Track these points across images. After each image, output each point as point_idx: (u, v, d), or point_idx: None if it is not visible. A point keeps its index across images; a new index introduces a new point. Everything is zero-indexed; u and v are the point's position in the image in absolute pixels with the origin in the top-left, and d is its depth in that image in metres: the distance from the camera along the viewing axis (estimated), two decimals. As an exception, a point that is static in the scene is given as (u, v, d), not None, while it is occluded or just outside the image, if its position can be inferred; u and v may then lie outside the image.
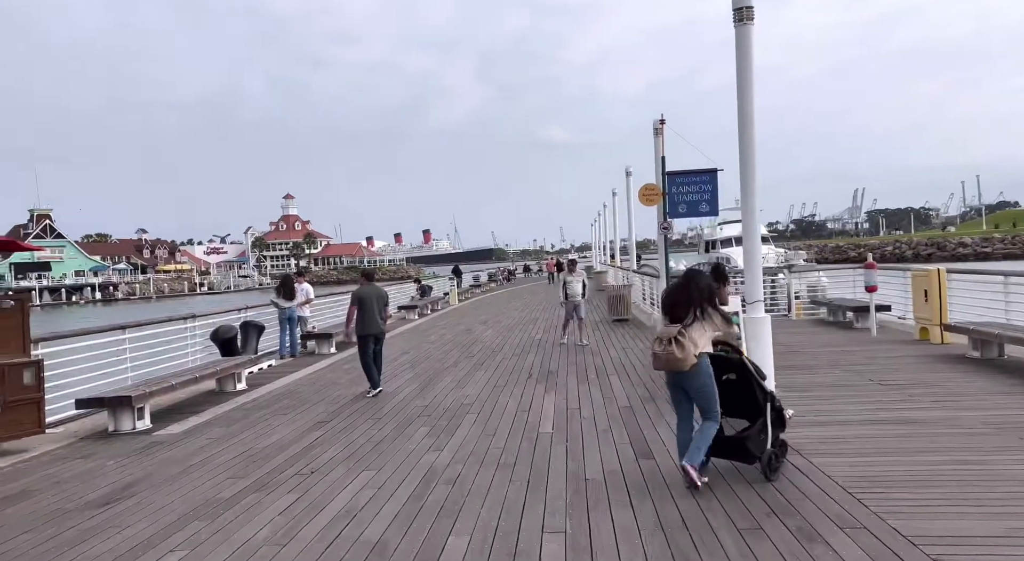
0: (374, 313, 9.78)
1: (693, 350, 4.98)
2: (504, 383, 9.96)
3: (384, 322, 10.03)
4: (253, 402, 9.51)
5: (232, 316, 13.21)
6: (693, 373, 5.03)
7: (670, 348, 4.98)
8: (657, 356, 5.10)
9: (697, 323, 5.06)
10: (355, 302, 9.78)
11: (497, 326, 18.47)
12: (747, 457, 5.24)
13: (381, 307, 9.94)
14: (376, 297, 9.91)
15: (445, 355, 13.27)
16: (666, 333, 5.08)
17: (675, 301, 5.20)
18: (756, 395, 5.22)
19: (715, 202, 15.42)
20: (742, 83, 7.98)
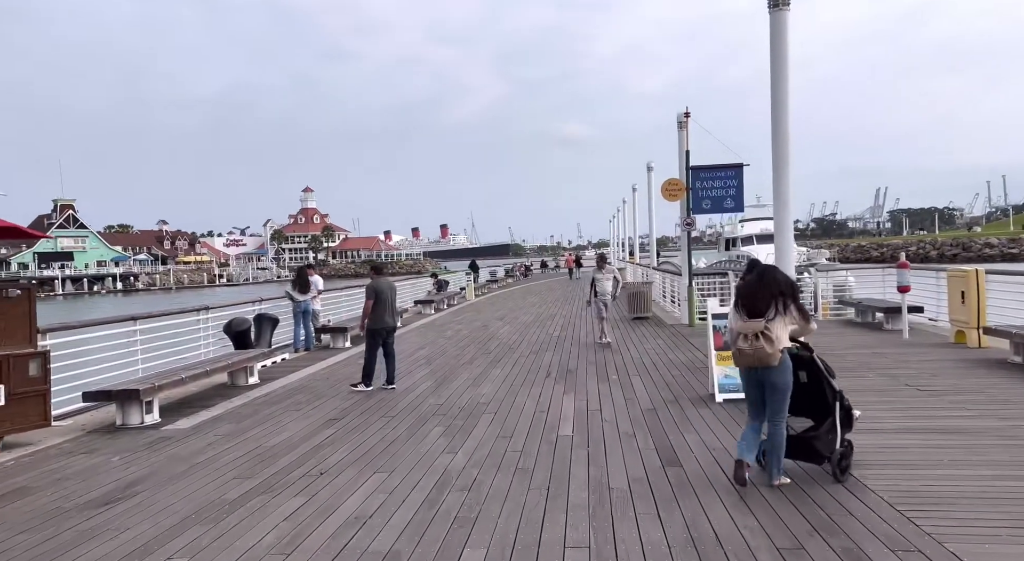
0: (390, 306, 9.55)
1: (778, 345, 4.85)
2: (521, 382, 9.66)
3: (397, 316, 9.84)
4: (265, 397, 9.29)
5: (246, 308, 13.03)
6: (780, 369, 4.89)
7: (759, 343, 4.83)
8: (743, 352, 4.95)
9: (779, 317, 4.90)
10: (371, 295, 9.53)
11: (514, 322, 18.18)
12: (815, 457, 5.08)
13: (395, 300, 9.74)
14: (392, 290, 9.73)
15: (461, 351, 12.99)
16: (750, 328, 4.90)
17: (755, 294, 5.02)
18: (825, 393, 5.08)
19: (740, 198, 15.04)
20: (776, 70, 7.61)
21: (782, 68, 7.59)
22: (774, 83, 7.62)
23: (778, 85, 7.62)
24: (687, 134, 15.22)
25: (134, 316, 9.55)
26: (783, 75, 7.57)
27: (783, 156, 7.66)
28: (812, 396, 5.10)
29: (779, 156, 7.68)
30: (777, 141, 7.65)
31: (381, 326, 9.52)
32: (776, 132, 7.64)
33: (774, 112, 7.66)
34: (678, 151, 15.52)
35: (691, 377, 9.44)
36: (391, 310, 9.60)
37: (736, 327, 5.04)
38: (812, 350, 5.22)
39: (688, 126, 15.23)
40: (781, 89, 7.61)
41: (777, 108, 7.62)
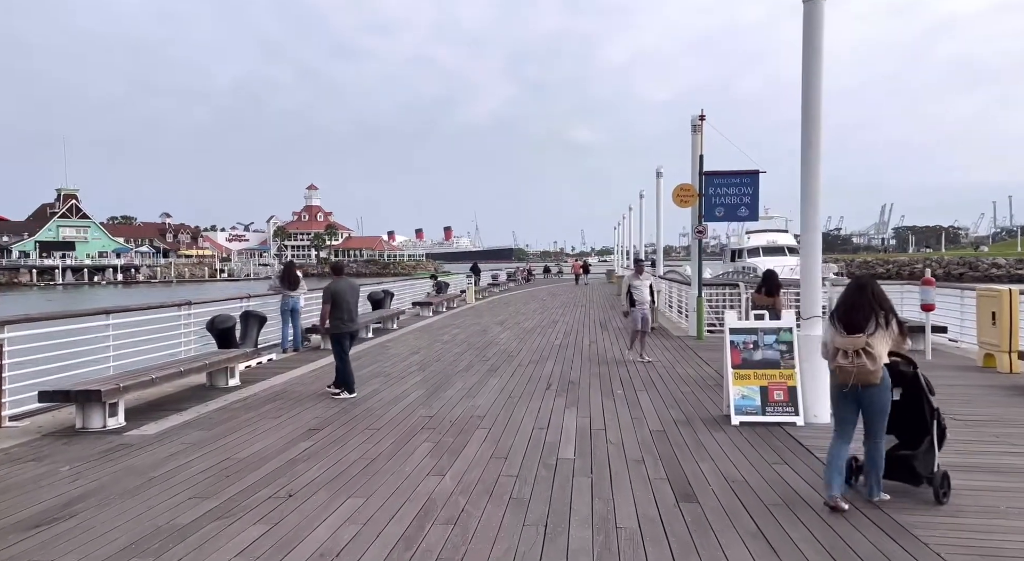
0: (350, 308, 9.04)
1: (881, 362, 4.62)
2: (520, 393, 9.00)
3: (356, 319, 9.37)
4: (243, 401, 8.63)
5: (232, 305, 12.37)
6: (882, 387, 4.65)
7: (860, 360, 4.58)
8: (844, 369, 4.65)
9: (880, 332, 4.65)
10: (328, 298, 9.00)
11: (515, 328, 17.51)
12: (912, 478, 4.81)
13: (356, 301, 9.26)
14: (352, 291, 9.18)
15: (457, 358, 12.33)
16: (851, 343, 4.64)
17: (854, 308, 4.76)
18: (924, 412, 4.81)
19: (756, 206, 14.39)
20: (808, 65, 6.96)
21: (815, 63, 6.93)
22: (806, 80, 6.96)
23: (810, 82, 6.96)
24: (701, 138, 14.57)
25: (107, 310, 8.90)
26: (816, 71, 6.91)
27: (813, 158, 7.00)
28: (907, 414, 4.85)
29: (809, 157, 7.02)
30: (807, 141, 7.00)
31: (343, 330, 9.00)
32: (807, 130, 6.98)
33: (805, 112, 7.01)
34: (691, 155, 14.86)
35: (702, 395, 8.77)
36: (351, 313, 9.07)
37: (835, 343, 4.74)
38: (916, 365, 4.91)
39: (703, 130, 14.58)
40: (814, 86, 6.95)
41: (808, 106, 6.97)
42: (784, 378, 7.08)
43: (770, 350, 7.21)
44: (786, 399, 7.04)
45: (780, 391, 7.06)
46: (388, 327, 17.43)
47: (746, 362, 7.22)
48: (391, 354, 12.85)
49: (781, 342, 7.21)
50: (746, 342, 7.28)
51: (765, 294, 9.50)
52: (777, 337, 7.23)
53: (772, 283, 9.59)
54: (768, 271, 10.08)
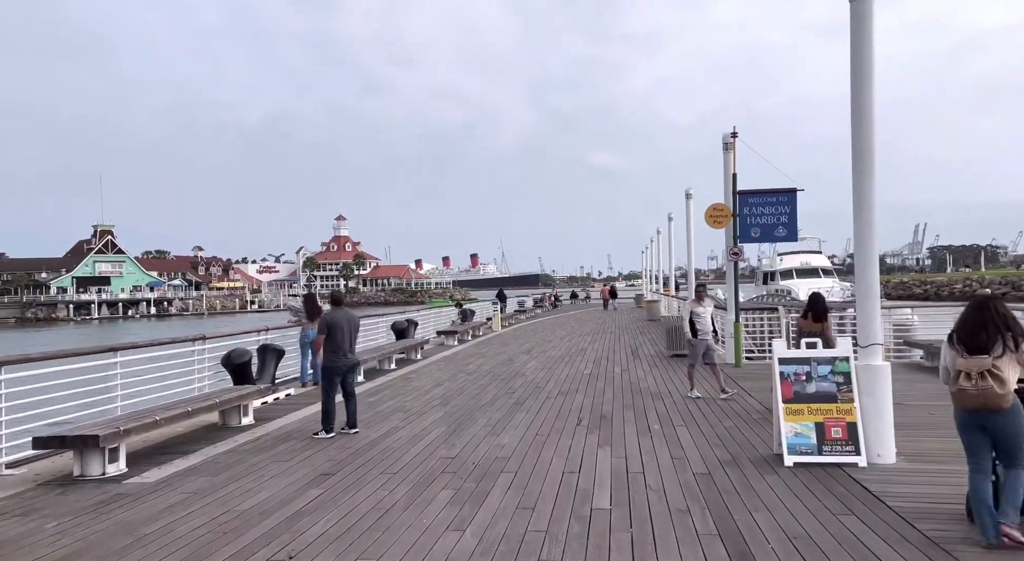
0: (345, 341, 8.51)
1: (1009, 385, 4.33)
2: (548, 430, 8.36)
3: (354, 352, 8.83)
4: (254, 442, 8.13)
5: (250, 338, 11.98)
6: (1011, 412, 4.35)
7: (985, 383, 4.31)
8: (967, 392, 4.39)
9: (1008, 354, 4.36)
10: (323, 329, 8.52)
11: (542, 357, 16.88)
12: None
13: (353, 334, 8.69)
14: (349, 322, 8.64)
15: (482, 390, 11.74)
16: (975, 365, 4.37)
17: (977, 328, 4.48)
18: None
19: (794, 226, 13.67)
20: (858, 69, 6.36)
21: (865, 67, 6.33)
22: (855, 86, 6.36)
23: (861, 88, 6.36)
24: (734, 156, 13.95)
25: (113, 347, 8.51)
26: (866, 75, 6.30)
27: (866, 167, 6.36)
28: None
29: (861, 167, 6.38)
30: (859, 150, 6.37)
31: (337, 363, 8.47)
32: (858, 139, 6.37)
33: (855, 121, 6.39)
34: (723, 174, 14.23)
35: (747, 430, 8.04)
36: (348, 346, 8.57)
37: (957, 365, 4.46)
38: None
39: (735, 147, 13.96)
40: (864, 92, 6.34)
41: (859, 114, 6.36)
42: (842, 413, 6.36)
43: (825, 382, 6.50)
44: (845, 437, 6.31)
45: (838, 428, 6.34)
46: (411, 358, 16.92)
47: (798, 395, 6.52)
48: (413, 387, 12.31)
49: (837, 373, 6.50)
50: (798, 373, 6.58)
51: (813, 319, 8.77)
52: (832, 367, 6.52)
53: (820, 307, 8.86)
54: (815, 294, 9.35)
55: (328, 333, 8.45)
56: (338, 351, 8.46)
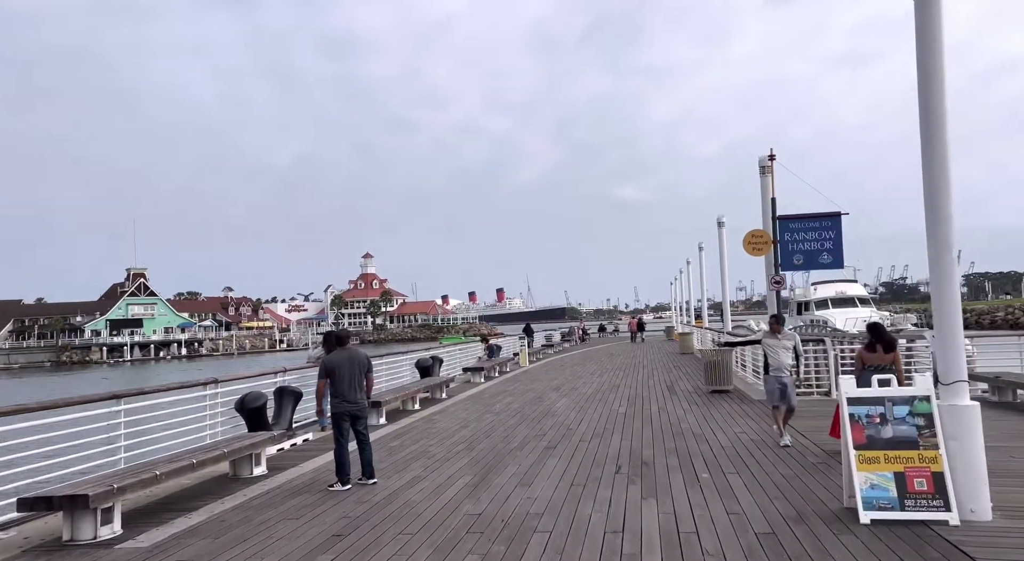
0: (350, 384, 7.84)
1: None
2: (584, 479, 7.58)
3: (366, 394, 8.08)
4: (264, 496, 7.48)
5: (266, 381, 11.42)
6: None
7: None
8: None
9: None
10: (322, 374, 7.89)
11: (572, 394, 16.06)
12: None
13: (359, 376, 7.97)
14: (351, 364, 7.93)
15: (510, 432, 10.98)
16: None
17: None
18: None
19: (840, 252, 12.85)
20: (926, 64, 5.67)
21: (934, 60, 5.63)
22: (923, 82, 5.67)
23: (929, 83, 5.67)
24: (773, 180, 13.25)
25: (116, 394, 7.98)
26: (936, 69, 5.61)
27: (940, 178, 5.64)
28: None
29: (934, 178, 5.66)
30: (931, 156, 5.66)
31: (341, 410, 7.81)
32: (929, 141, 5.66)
33: (924, 127, 5.70)
34: (761, 199, 13.52)
35: (809, 478, 7.18)
36: (353, 389, 7.87)
37: None
38: None
39: (773, 171, 13.27)
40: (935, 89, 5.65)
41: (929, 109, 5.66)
42: (926, 461, 5.53)
43: (903, 425, 5.68)
44: (930, 489, 5.46)
45: (922, 479, 5.49)
46: (437, 397, 16.23)
47: (873, 441, 5.71)
48: (437, 429, 11.60)
49: (917, 414, 5.68)
50: (870, 415, 5.78)
51: (884, 350, 7.91)
52: (911, 408, 5.71)
53: (886, 336, 8.03)
54: (874, 323, 8.52)
55: (329, 377, 7.84)
56: (341, 396, 7.83)
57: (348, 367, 7.91)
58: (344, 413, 7.84)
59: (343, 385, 7.85)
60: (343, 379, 7.84)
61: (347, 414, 7.86)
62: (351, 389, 7.89)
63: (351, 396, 7.90)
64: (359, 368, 7.98)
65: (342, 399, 7.86)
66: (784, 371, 9.25)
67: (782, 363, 9.26)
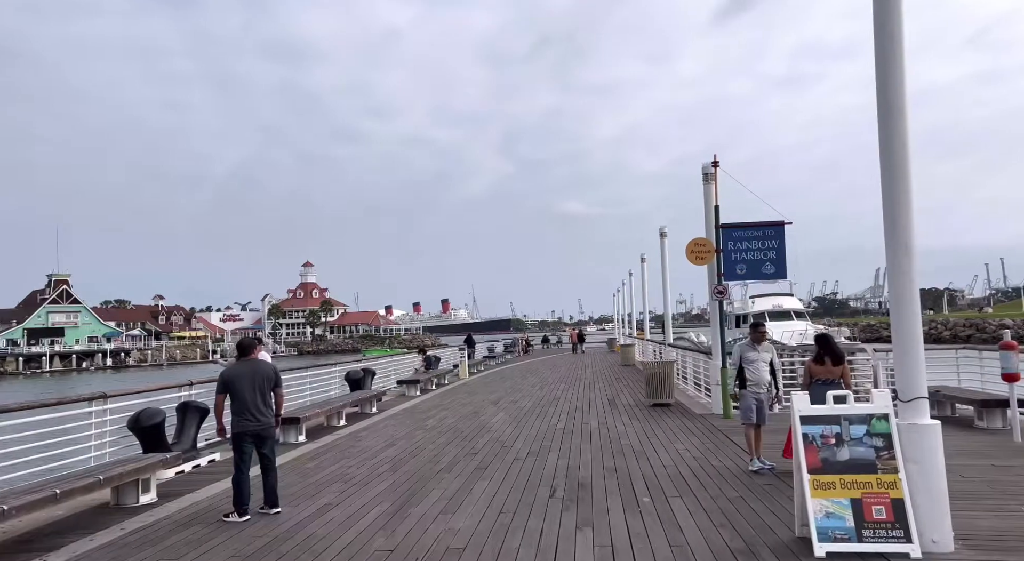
0: (253, 400, 6.93)
1: None
2: (515, 506, 6.85)
3: (273, 412, 7.15)
4: (145, 530, 6.46)
5: (168, 395, 10.30)
6: None
7: None
8: None
9: None
10: (221, 388, 7.01)
11: (511, 408, 15.35)
12: None
13: (265, 391, 7.06)
14: (254, 377, 7.02)
15: (441, 451, 10.17)
16: None
17: None
18: None
19: (783, 263, 12.55)
20: (884, 51, 5.22)
21: (893, 64, 5.20)
22: (882, 87, 5.23)
23: (888, 88, 5.22)
24: (716, 187, 12.90)
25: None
26: (895, 57, 5.17)
27: (899, 176, 5.19)
28: None
29: (894, 190, 5.23)
30: (890, 171, 5.23)
31: (243, 429, 6.91)
32: (887, 140, 5.21)
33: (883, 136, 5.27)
34: (704, 207, 13.16)
35: (756, 502, 6.63)
36: (256, 406, 6.94)
37: None
38: None
39: (717, 178, 12.93)
40: (892, 93, 5.20)
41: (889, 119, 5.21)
42: (884, 487, 5.02)
43: (861, 447, 5.17)
44: (890, 518, 4.95)
45: (880, 506, 4.98)
46: (366, 411, 15.26)
47: (828, 464, 5.18)
48: (361, 448, 10.69)
49: (875, 434, 5.19)
50: (825, 435, 5.25)
51: (832, 363, 7.47)
52: (868, 427, 5.21)
53: (835, 348, 7.61)
54: (822, 334, 8.11)
55: (229, 392, 6.91)
56: (242, 413, 6.91)
57: (250, 380, 6.98)
58: (246, 433, 6.91)
59: (244, 401, 6.92)
60: (244, 394, 6.91)
61: (249, 434, 6.92)
62: (254, 405, 6.97)
63: (254, 413, 6.97)
64: (264, 382, 7.05)
65: (243, 417, 6.93)
66: (763, 387, 8.38)
67: (761, 378, 8.35)
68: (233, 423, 6.91)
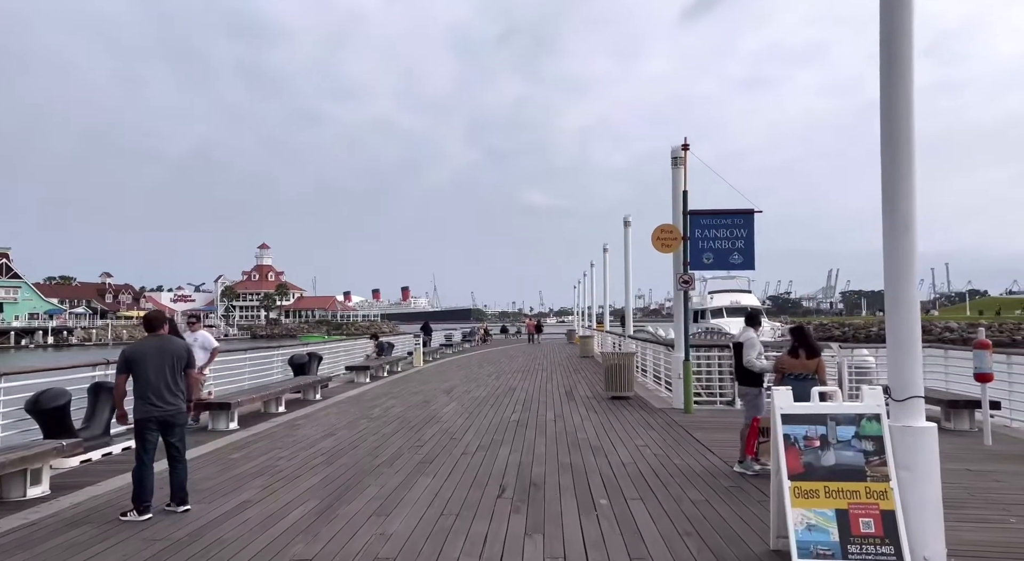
0: (159, 382, 6.05)
1: None
2: (459, 506, 6.12)
3: (184, 396, 6.24)
4: (23, 530, 5.54)
5: (80, 374, 9.26)
6: None
7: None
8: None
9: None
10: (123, 368, 6.04)
11: (464, 398, 14.61)
12: None
13: (175, 371, 6.16)
14: (162, 355, 6.12)
15: (383, 443, 9.38)
16: None
17: None
18: None
19: (751, 252, 12.06)
20: (890, 46, 4.60)
21: (900, 47, 4.57)
22: (885, 31, 4.60)
23: (893, 71, 4.59)
24: (685, 172, 12.31)
25: None
26: (901, 16, 4.54)
27: (901, 162, 4.57)
28: None
29: (895, 163, 4.60)
30: (893, 135, 4.59)
31: (147, 415, 6.00)
32: (890, 123, 4.60)
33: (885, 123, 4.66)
34: (672, 193, 12.58)
35: (723, 507, 6.03)
36: (163, 389, 6.05)
37: None
38: None
39: (686, 163, 12.34)
40: (898, 77, 4.57)
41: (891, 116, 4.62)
42: (874, 496, 4.43)
43: (848, 451, 4.57)
44: (879, 532, 4.36)
45: (869, 518, 4.39)
46: (309, 398, 14.34)
47: (811, 469, 4.56)
48: (297, 438, 9.83)
49: (864, 437, 4.59)
50: (809, 437, 4.64)
51: (807, 356, 6.93)
52: (857, 429, 4.61)
53: (810, 340, 7.07)
54: (798, 326, 7.56)
55: (131, 372, 6.00)
56: (146, 396, 6.02)
57: (157, 359, 6.08)
58: (150, 419, 6.01)
59: (148, 382, 6.02)
60: (148, 374, 6.01)
61: (154, 420, 6.03)
62: (160, 388, 6.08)
63: (160, 397, 6.08)
64: (174, 361, 6.16)
65: (147, 401, 6.03)
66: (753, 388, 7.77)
67: (752, 365, 7.70)
68: (136, 407, 6.01)
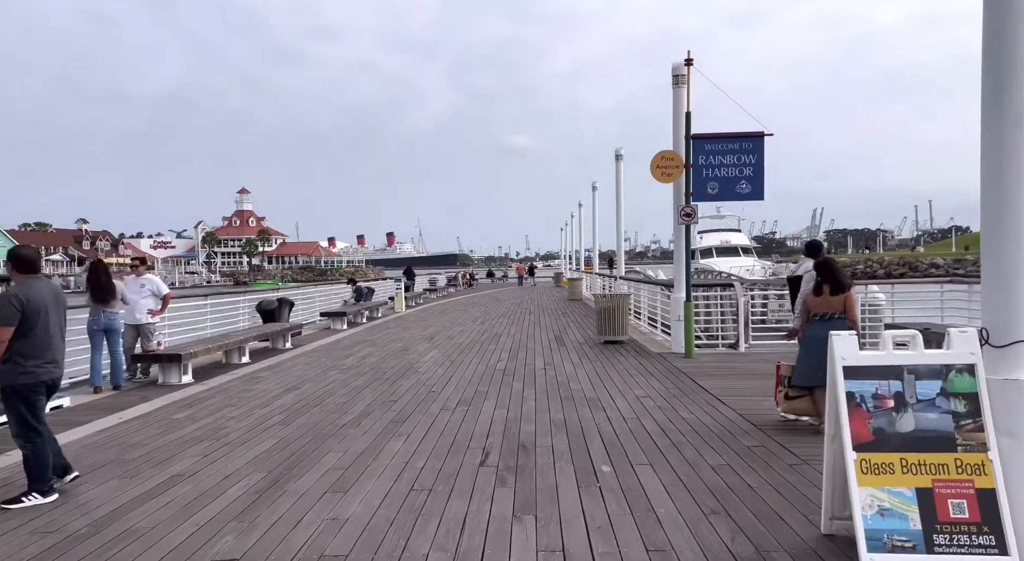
0: (58, 337, 4.93)
1: None
2: (432, 479, 5.09)
3: None
4: None
5: None
6: None
7: None
8: None
9: None
10: (12, 318, 4.67)
11: (446, 344, 13.60)
12: None
13: (64, 324, 5.03)
14: (59, 304, 4.96)
15: (351, 398, 8.33)
16: None
17: None
18: None
19: (760, 180, 10.88)
20: None
21: None
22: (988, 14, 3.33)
23: None
24: (689, 92, 10.99)
25: None
26: None
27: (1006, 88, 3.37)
28: None
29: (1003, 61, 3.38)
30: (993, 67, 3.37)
31: (42, 377, 4.81)
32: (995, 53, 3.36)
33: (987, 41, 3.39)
34: (673, 115, 11.28)
35: (752, 475, 5.03)
36: (60, 345, 4.93)
37: None
38: None
39: (689, 81, 11.00)
40: None
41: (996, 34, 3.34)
42: (968, 471, 3.41)
43: (932, 412, 3.52)
44: (975, 517, 3.35)
45: (961, 500, 3.38)
46: (278, 346, 13.26)
47: (884, 437, 3.52)
48: (255, 393, 8.75)
49: (953, 395, 3.53)
50: (880, 395, 3.58)
51: (830, 292, 5.88)
52: (944, 384, 3.55)
53: (836, 275, 5.98)
54: (825, 259, 6.45)
55: (23, 321, 4.77)
56: (42, 354, 4.81)
57: (55, 309, 4.89)
58: (42, 383, 4.84)
59: (51, 338, 4.84)
60: (44, 327, 4.81)
61: (46, 384, 4.87)
62: (60, 345, 4.92)
63: (61, 356, 4.93)
64: (65, 311, 4.97)
65: (45, 360, 4.85)
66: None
67: None
68: (26, 369, 4.79)
